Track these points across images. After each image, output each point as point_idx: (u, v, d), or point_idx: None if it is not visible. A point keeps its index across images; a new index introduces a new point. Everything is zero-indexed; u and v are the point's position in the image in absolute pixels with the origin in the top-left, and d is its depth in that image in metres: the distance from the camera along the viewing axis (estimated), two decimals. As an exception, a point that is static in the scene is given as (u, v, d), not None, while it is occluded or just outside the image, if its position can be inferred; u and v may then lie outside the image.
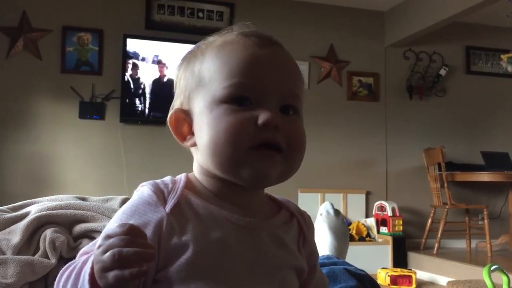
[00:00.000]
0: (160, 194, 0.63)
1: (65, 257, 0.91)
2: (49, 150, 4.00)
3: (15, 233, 0.90)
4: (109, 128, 4.11)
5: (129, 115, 4.07)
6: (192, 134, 0.67)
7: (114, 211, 1.04)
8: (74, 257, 0.97)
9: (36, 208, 0.96)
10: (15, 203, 1.03)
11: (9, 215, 0.96)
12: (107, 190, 3.67)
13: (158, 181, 0.65)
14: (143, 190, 0.64)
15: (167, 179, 0.66)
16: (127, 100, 4.06)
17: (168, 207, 0.61)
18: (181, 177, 0.67)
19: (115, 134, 4.10)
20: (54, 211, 0.95)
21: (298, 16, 4.56)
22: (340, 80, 4.66)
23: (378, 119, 4.75)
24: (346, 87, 4.69)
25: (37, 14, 4.03)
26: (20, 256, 0.86)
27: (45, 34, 4.03)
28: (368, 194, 4.63)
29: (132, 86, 4.07)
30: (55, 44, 4.05)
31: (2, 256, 0.86)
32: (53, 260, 0.88)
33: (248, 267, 0.63)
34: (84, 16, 4.13)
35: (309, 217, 0.75)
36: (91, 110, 4.08)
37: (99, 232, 0.96)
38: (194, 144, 0.67)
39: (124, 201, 1.09)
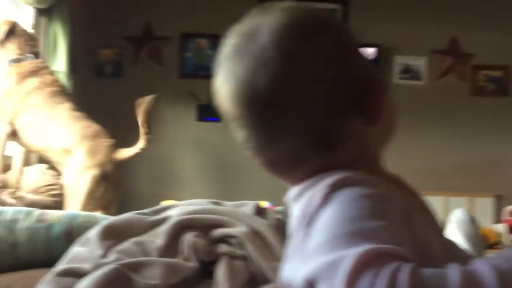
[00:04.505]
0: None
1: (205, 261, 0.93)
2: (169, 151, 4.24)
3: (159, 236, 0.94)
4: (227, 130, 4.22)
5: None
6: None
7: (247, 216, 1.04)
8: (211, 261, 0.99)
9: (176, 212, 1.00)
10: (142, 202, 1.07)
11: (151, 218, 1.01)
12: (224, 191, 3.82)
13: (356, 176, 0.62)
14: (360, 192, 0.59)
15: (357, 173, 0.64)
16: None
17: None
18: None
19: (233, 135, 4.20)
20: (193, 216, 0.99)
21: (417, 7, 4.33)
22: (464, 75, 4.35)
23: (509, 116, 4.35)
24: (471, 82, 4.37)
25: (159, 22, 4.28)
26: (165, 259, 0.89)
27: (166, 41, 4.27)
28: (497, 198, 4.26)
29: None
30: (174, 50, 4.27)
31: (148, 258, 0.90)
32: (195, 264, 0.90)
33: None
34: (201, 22, 4.30)
35: None
36: (209, 112, 4.24)
37: (235, 237, 0.97)
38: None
39: (255, 207, 1.08)
